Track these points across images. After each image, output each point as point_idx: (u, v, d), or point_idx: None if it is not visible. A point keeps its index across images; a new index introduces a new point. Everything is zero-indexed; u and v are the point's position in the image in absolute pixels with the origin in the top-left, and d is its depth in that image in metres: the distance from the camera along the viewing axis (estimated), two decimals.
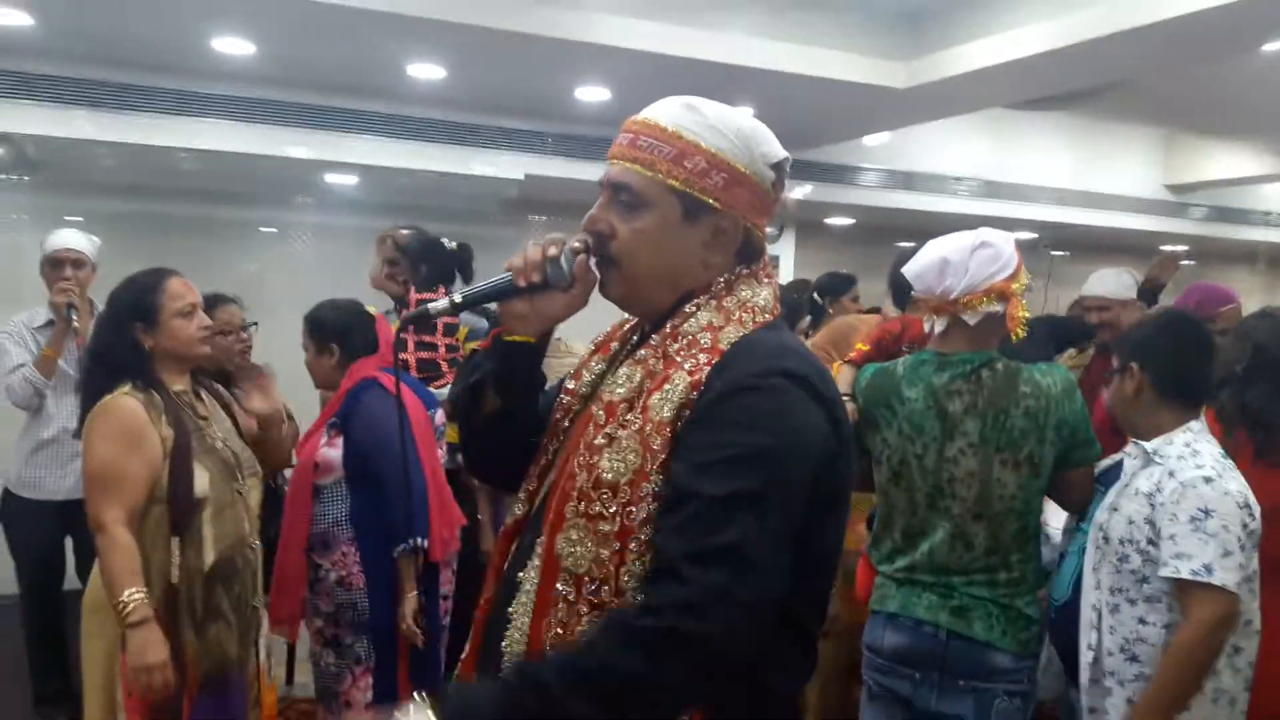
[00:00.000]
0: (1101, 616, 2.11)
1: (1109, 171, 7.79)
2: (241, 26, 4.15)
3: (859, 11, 4.71)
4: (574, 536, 1.20)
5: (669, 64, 4.36)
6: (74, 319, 3.53)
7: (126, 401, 2.31)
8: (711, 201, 1.28)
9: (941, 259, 2.21)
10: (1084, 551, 2.20)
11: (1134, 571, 2.06)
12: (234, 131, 4.95)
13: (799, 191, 6.66)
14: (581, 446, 1.24)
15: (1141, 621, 2.05)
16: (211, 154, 5.02)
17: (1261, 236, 9.05)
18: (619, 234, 1.29)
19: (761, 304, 1.30)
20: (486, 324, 3.80)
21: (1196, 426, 2.14)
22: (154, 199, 5.77)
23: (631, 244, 1.29)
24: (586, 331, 1.52)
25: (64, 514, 3.59)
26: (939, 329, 2.27)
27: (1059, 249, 8.82)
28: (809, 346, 2.35)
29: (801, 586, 1.23)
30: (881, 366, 2.39)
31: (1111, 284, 3.96)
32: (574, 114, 5.45)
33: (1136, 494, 2.09)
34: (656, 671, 1.09)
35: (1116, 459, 2.29)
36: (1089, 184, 7.66)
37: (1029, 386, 2.17)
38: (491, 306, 1.67)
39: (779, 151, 1.33)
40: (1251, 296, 10.08)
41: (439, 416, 3.03)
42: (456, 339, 3.58)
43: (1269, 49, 4.74)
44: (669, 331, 1.28)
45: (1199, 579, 1.93)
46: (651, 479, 1.17)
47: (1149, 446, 2.13)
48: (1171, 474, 2.05)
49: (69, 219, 5.05)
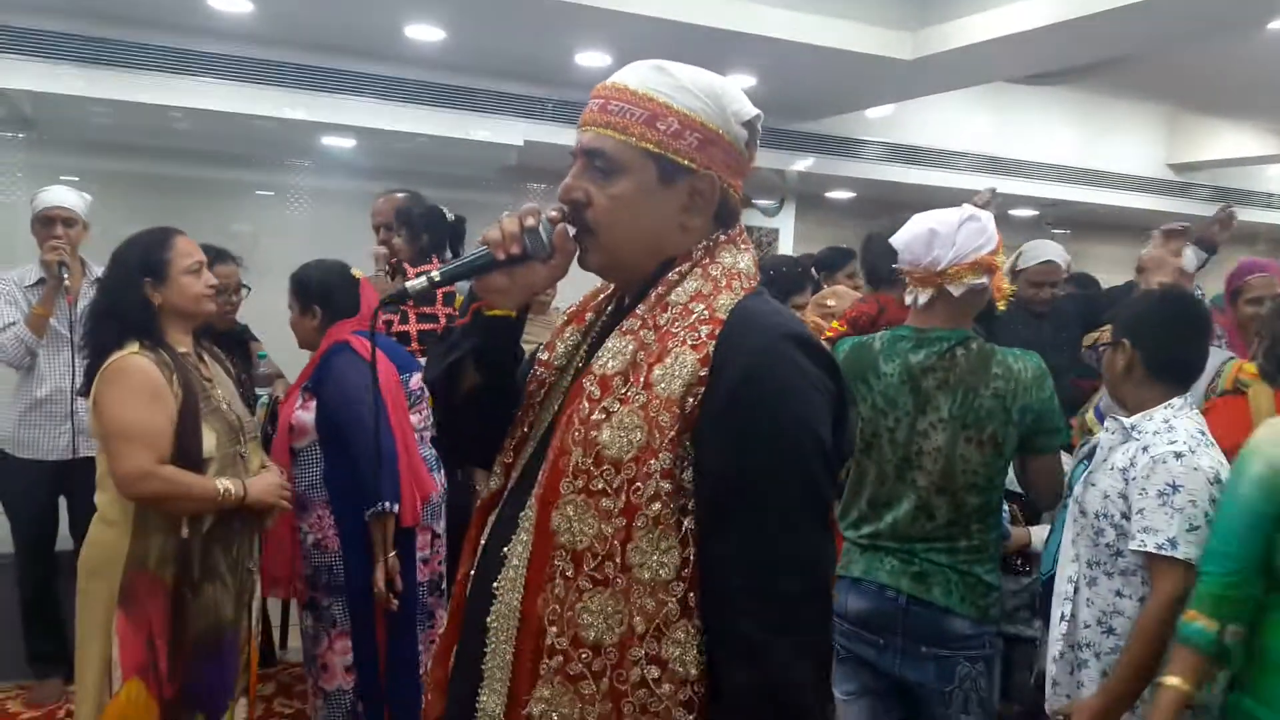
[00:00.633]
0: (1079, 589, 2.13)
1: (1111, 149, 7.75)
2: None
3: None
4: (571, 513, 1.18)
5: (671, 29, 4.32)
6: (65, 277, 3.51)
7: (139, 360, 2.33)
8: (687, 163, 1.26)
9: (930, 230, 2.26)
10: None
11: (1109, 545, 2.09)
12: (230, 91, 4.90)
13: (800, 164, 6.62)
14: (576, 421, 1.21)
15: (1118, 594, 2.08)
16: (207, 114, 4.97)
17: (1263, 218, 9.01)
18: (595, 201, 1.27)
19: (745, 270, 1.29)
20: None
21: (1178, 403, 2.14)
22: (150, 159, 5.73)
23: (609, 210, 1.27)
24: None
25: (59, 474, 3.60)
26: (922, 301, 2.30)
27: (1060, 227, 8.79)
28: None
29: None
30: (859, 340, 2.42)
31: (1056, 252, 3.99)
32: (575, 80, 5.39)
33: (1112, 469, 2.11)
34: (801, 678, 1.14)
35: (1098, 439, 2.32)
36: (1091, 161, 7.63)
37: (1000, 369, 2.22)
38: None
39: (750, 109, 1.31)
40: None
41: (414, 380, 3.02)
42: (454, 308, 3.57)
43: (1275, 27, 4.71)
44: (654, 301, 1.26)
45: (1163, 553, 1.95)
46: (660, 456, 1.15)
47: (1127, 422, 2.15)
48: (1145, 449, 2.06)
49: (65, 178, 5.00)
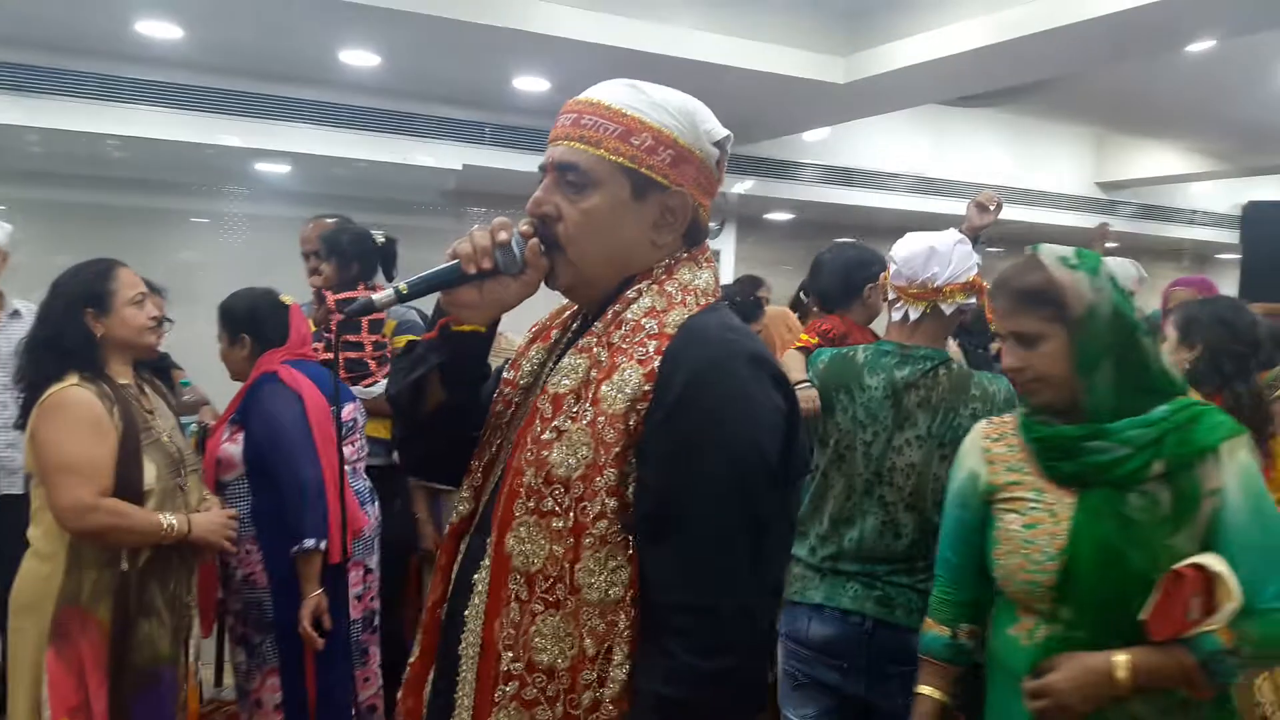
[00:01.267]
0: None
1: (1042, 168, 7.94)
2: (166, 9, 4.05)
3: (799, 5, 4.73)
4: (523, 534, 1.17)
5: (609, 55, 4.34)
6: None
7: (79, 392, 2.29)
8: (660, 179, 1.25)
9: (929, 247, 2.32)
10: None
11: None
12: (162, 118, 4.83)
13: (740, 186, 6.68)
14: (528, 441, 1.20)
15: None
16: (139, 141, 4.89)
17: (1187, 234, 9.29)
18: (566, 215, 1.25)
19: (702, 286, 1.27)
20: (415, 315, 3.74)
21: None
22: (81, 187, 5.62)
23: (580, 225, 1.24)
24: (526, 323, 1.50)
25: None
26: (913, 316, 2.33)
27: (993, 245, 8.95)
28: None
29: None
30: (840, 352, 2.43)
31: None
32: (513, 104, 5.40)
33: None
34: (718, 705, 1.14)
35: None
36: (1022, 181, 7.80)
37: (978, 390, 2.25)
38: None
39: (721, 129, 1.31)
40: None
41: (347, 411, 2.95)
42: (384, 335, 3.51)
43: (1193, 50, 4.86)
44: (610, 318, 1.25)
45: None
46: (605, 473, 1.14)
47: None
48: None
49: None
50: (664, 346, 1.18)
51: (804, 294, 4.72)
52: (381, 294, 1.25)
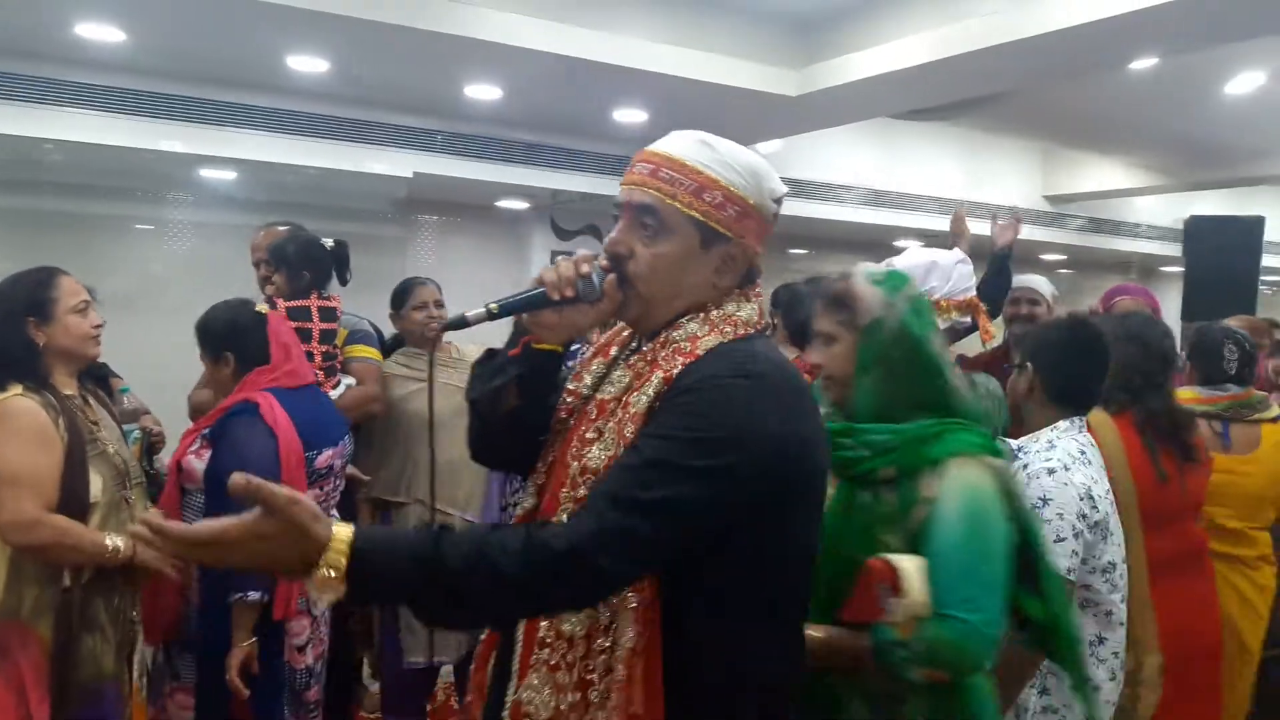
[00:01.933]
0: None
1: (991, 182, 8.05)
2: (108, 12, 3.96)
3: (752, 18, 4.75)
4: (564, 518, 1.31)
5: (561, 64, 4.32)
6: None
7: (25, 402, 2.25)
8: (725, 232, 1.39)
9: (931, 261, 2.40)
10: None
11: None
12: (104, 123, 4.72)
13: None
14: (575, 440, 1.39)
15: None
16: (80, 146, 4.77)
17: (1133, 247, 9.46)
18: (639, 256, 1.40)
19: (744, 318, 1.42)
20: (368, 325, 3.70)
21: (1064, 425, 2.21)
22: (21, 193, 5.47)
23: (651, 267, 1.39)
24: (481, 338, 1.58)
25: None
26: None
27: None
28: None
29: (779, 577, 1.37)
30: None
31: (1045, 285, 4.08)
32: (464, 112, 5.36)
33: None
34: (543, 584, 1.21)
35: None
36: (972, 194, 7.89)
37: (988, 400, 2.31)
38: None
39: (781, 187, 1.46)
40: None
41: (321, 458, 2.76)
42: (335, 345, 3.47)
43: (1136, 67, 4.96)
44: (661, 340, 1.40)
45: None
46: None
47: (1014, 444, 2.21)
48: (1026, 466, 2.14)
49: None
50: (689, 363, 1.33)
51: (772, 320, 4.67)
52: (474, 311, 1.40)
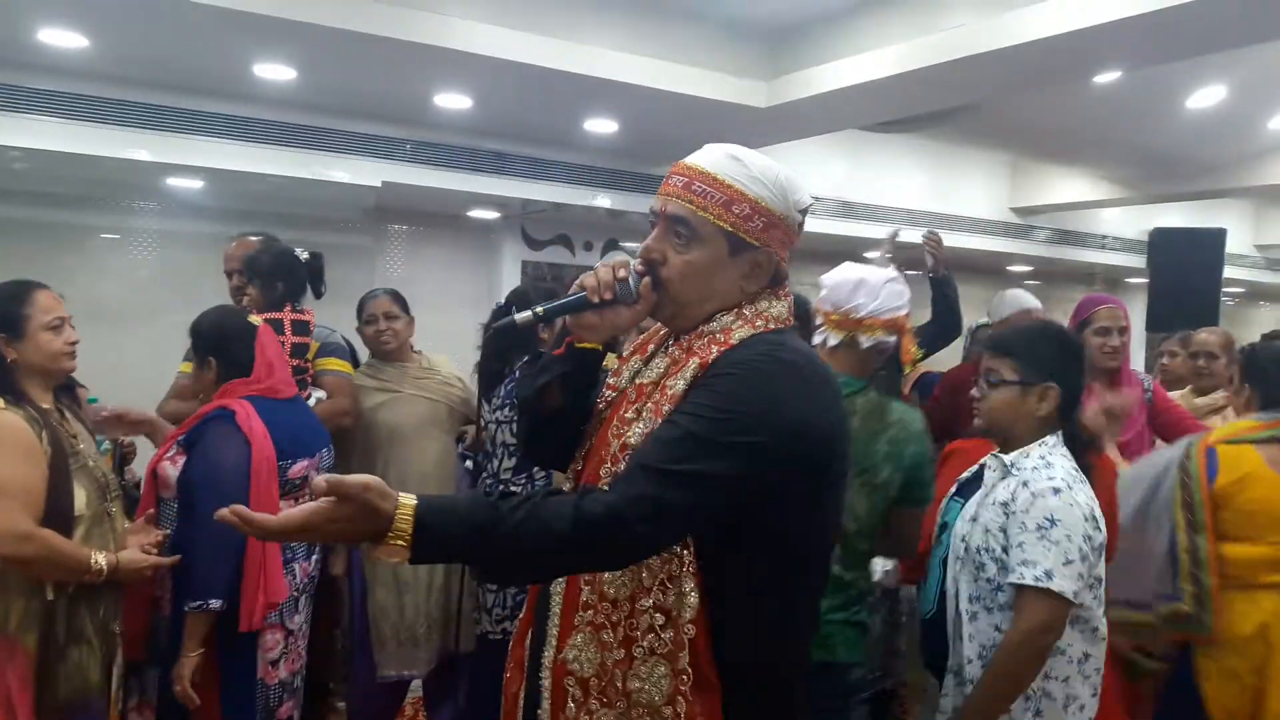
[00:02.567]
0: (963, 625, 2.14)
1: (958, 193, 8.12)
2: (71, 18, 3.91)
3: (722, 29, 4.77)
4: (604, 487, 1.40)
5: (531, 74, 4.32)
6: None
7: (8, 416, 2.22)
8: (753, 241, 1.51)
9: (859, 279, 2.37)
10: (945, 564, 2.24)
11: (989, 580, 2.11)
12: (67, 130, 4.64)
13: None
14: (615, 420, 1.51)
15: (997, 629, 2.10)
16: (43, 153, 4.68)
17: (1099, 259, 9.57)
18: (671, 262, 1.52)
19: (776, 313, 1.54)
20: (340, 338, 3.67)
21: (1052, 440, 2.21)
22: None
23: (682, 272, 1.51)
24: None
25: None
26: (831, 343, 2.37)
27: (911, 269, 9.12)
28: None
29: (802, 558, 1.49)
30: None
31: (1029, 300, 4.10)
32: (434, 121, 5.33)
33: (994, 504, 2.15)
34: (587, 546, 1.32)
35: (974, 471, 2.36)
36: (939, 206, 7.97)
37: (894, 418, 2.29)
38: None
39: (807, 199, 1.58)
40: None
41: (295, 469, 2.74)
42: (306, 360, 3.44)
43: (1100, 81, 5.02)
44: (697, 332, 1.53)
45: (1040, 584, 2.00)
46: None
47: (1007, 460, 2.20)
48: (1025, 484, 2.12)
49: None
50: (724, 350, 1.45)
51: None
52: (521, 315, 1.51)
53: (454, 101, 4.94)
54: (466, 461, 3.65)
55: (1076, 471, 2.16)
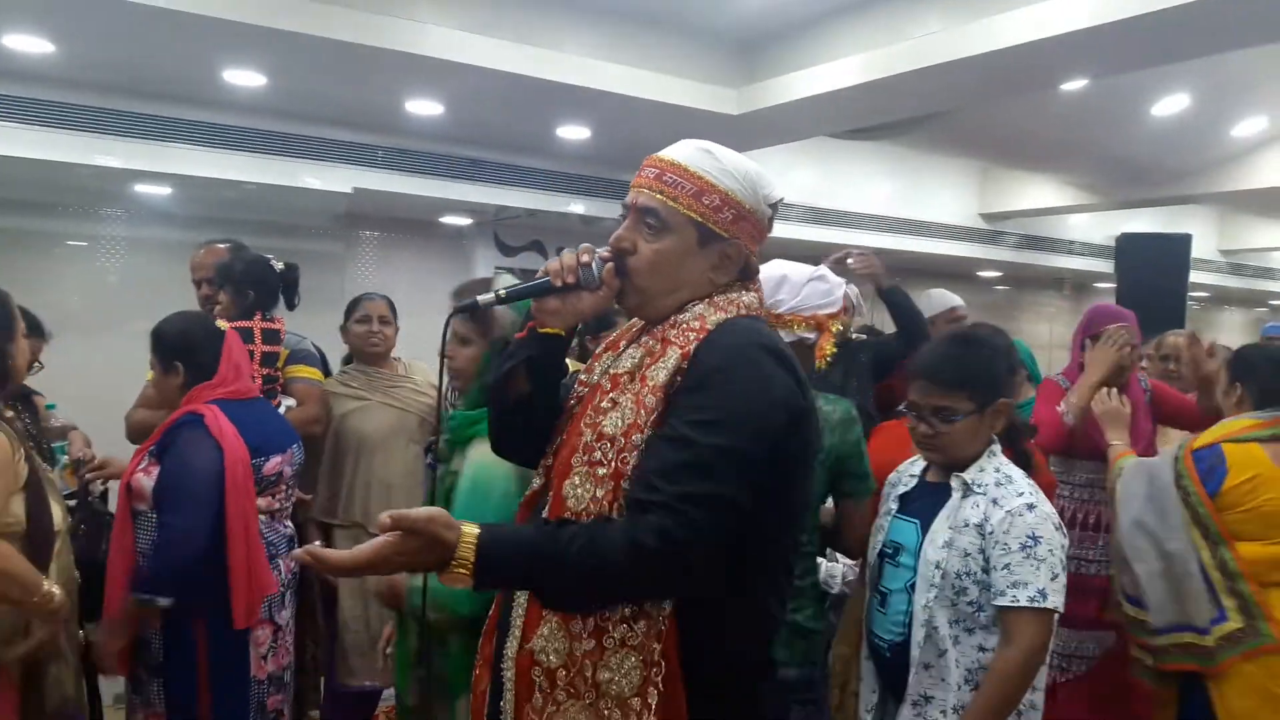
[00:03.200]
0: (947, 654, 2.10)
1: (928, 200, 8.18)
2: (35, 23, 3.87)
3: (694, 37, 4.79)
4: (576, 481, 1.43)
5: (503, 81, 4.31)
6: None
7: None
8: (722, 232, 1.54)
9: (782, 275, 2.42)
10: (913, 588, 2.16)
11: (971, 603, 2.09)
12: (34, 137, 4.59)
13: None
14: (589, 410, 1.49)
15: (981, 649, 2.09)
16: (8, 160, 4.62)
17: (1067, 264, 9.67)
18: (640, 251, 1.54)
19: (747, 302, 1.57)
20: (310, 345, 3.66)
21: (995, 447, 2.22)
22: None
23: (650, 261, 1.53)
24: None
25: None
26: None
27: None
28: None
29: (785, 536, 1.54)
30: None
31: (953, 299, 4.15)
32: (405, 127, 5.32)
33: (967, 526, 2.12)
34: (640, 577, 1.34)
35: (912, 486, 2.31)
36: (909, 212, 8.02)
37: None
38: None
39: (777, 193, 1.62)
40: (1059, 320, 10.77)
41: (269, 465, 2.76)
42: (276, 368, 3.43)
43: (1067, 88, 5.08)
44: (669, 322, 1.53)
45: (1035, 605, 2.00)
46: (644, 430, 1.41)
47: (967, 478, 2.17)
48: (995, 502, 2.10)
49: None
50: (701, 336, 1.46)
51: None
52: (484, 296, 1.54)
53: (426, 108, 4.93)
54: (437, 469, 3.64)
55: (1028, 479, 2.17)
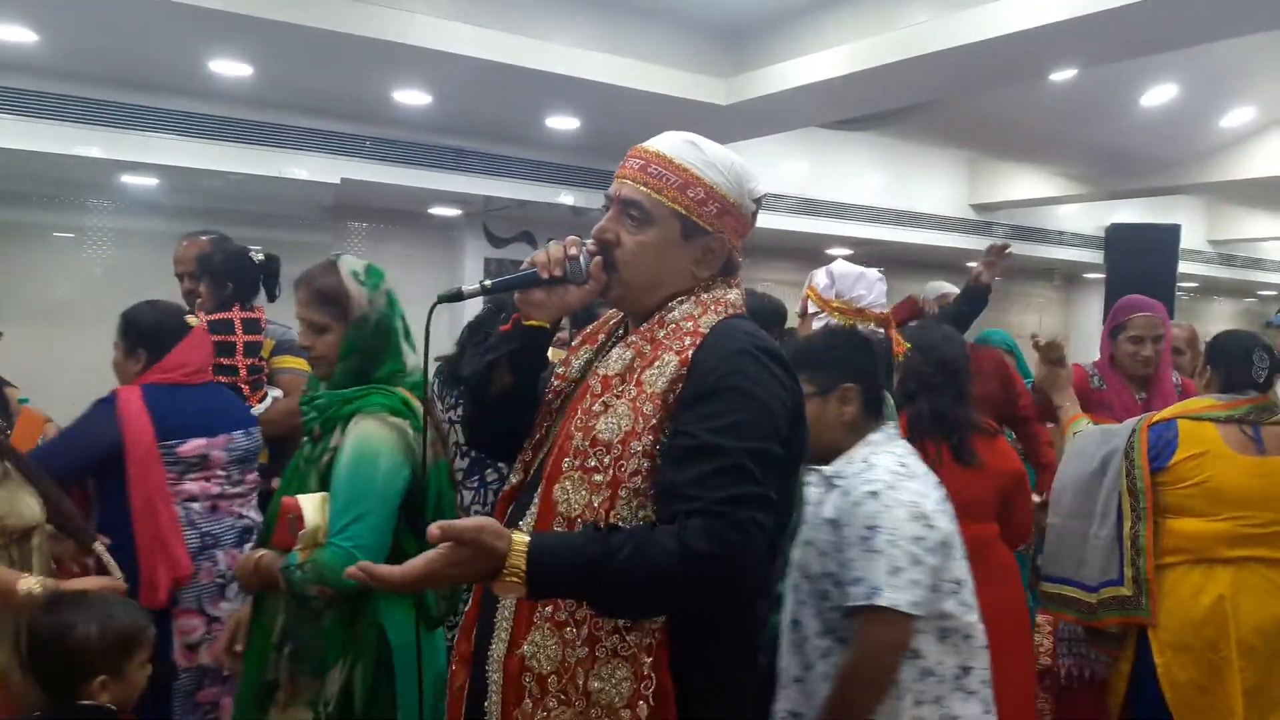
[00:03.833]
0: (812, 666, 1.93)
1: (918, 191, 8.19)
2: (18, 14, 3.84)
3: (683, 27, 4.78)
4: (568, 486, 1.41)
5: (491, 70, 4.29)
6: None
7: None
8: (706, 226, 1.52)
9: (860, 272, 2.59)
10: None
11: (835, 607, 1.90)
12: (19, 127, 4.57)
13: None
14: (579, 413, 1.46)
15: None
16: None
17: (1057, 254, 9.70)
18: (624, 243, 1.52)
19: (731, 300, 1.55)
20: (295, 336, 3.63)
21: (876, 438, 2.02)
22: None
23: (634, 253, 1.51)
24: None
25: None
26: (816, 326, 2.57)
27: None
28: None
29: (778, 535, 1.50)
30: None
31: (945, 286, 4.21)
32: (393, 117, 5.30)
33: (822, 522, 1.94)
34: (693, 581, 1.31)
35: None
36: (900, 203, 8.03)
37: None
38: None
39: (761, 188, 1.60)
40: (1048, 310, 10.80)
41: (188, 446, 2.73)
42: (260, 358, 3.41)
43: (1056, 79, 5.08)
44: (655, 321, 1.52)
45: (870, 602, 1.79)
46: (642, 438, 1.39)
47: (828, 471, 2.00)
48: (846, 494, 1.92)
49: None
50: (698, 342, 1.44)
51: None
52: (469, 287, 1.50)
53: (414, 98, 4.91)
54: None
55: (904, 465, 1.95)
